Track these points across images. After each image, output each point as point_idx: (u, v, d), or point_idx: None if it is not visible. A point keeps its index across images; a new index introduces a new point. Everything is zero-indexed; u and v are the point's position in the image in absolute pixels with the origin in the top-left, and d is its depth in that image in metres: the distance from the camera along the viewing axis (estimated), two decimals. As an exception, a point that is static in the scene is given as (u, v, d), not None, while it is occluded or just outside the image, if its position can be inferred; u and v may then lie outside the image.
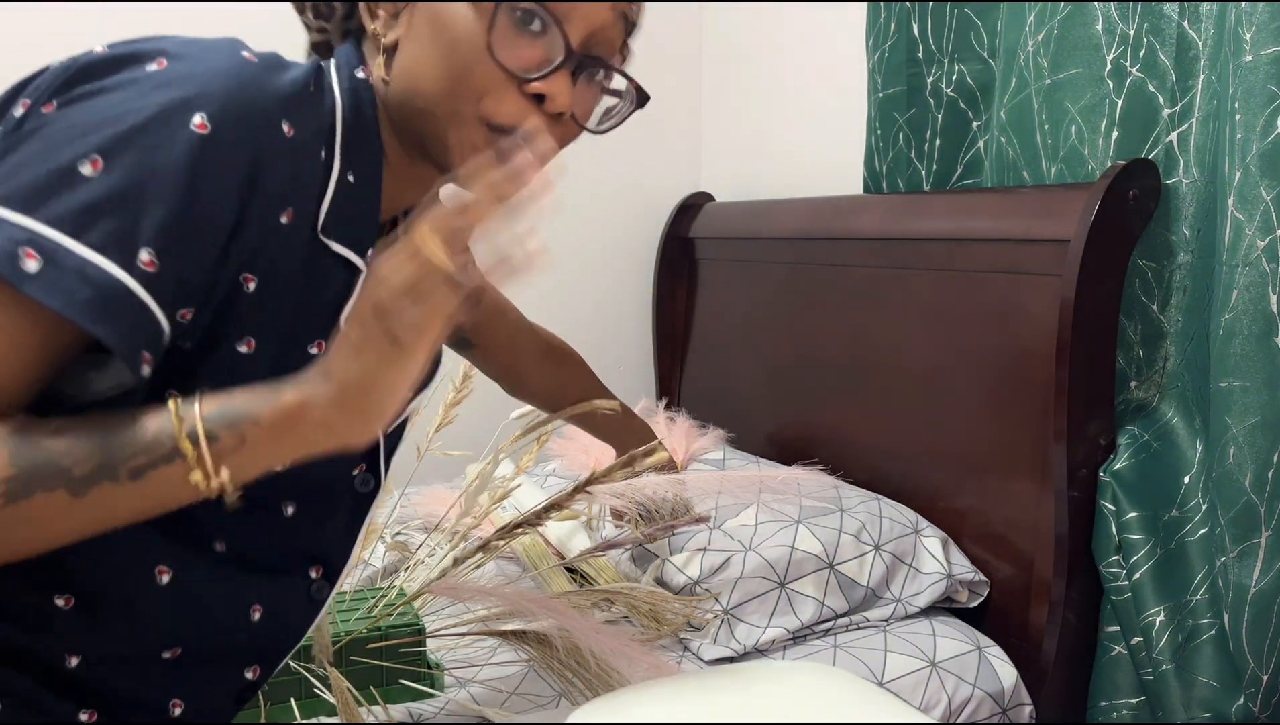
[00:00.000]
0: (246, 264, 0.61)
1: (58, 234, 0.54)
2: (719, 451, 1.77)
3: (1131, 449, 1.24)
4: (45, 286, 0.53)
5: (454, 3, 0.66)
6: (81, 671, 0.65)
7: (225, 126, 0.57)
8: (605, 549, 1.31)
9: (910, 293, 1.53)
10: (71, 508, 0.54)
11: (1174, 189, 1.22)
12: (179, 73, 0.58)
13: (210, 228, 0.58)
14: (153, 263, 0.56)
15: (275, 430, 0.56)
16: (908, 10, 1.54)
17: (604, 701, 0.83)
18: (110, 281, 0.55)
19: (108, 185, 0.54)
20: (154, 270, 0.56)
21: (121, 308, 0.55)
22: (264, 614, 0.73)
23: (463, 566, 1.17)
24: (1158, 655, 1.18)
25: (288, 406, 0.56)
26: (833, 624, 1.32)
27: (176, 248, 0.57)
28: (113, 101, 0.56)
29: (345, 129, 0.68)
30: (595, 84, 0.75)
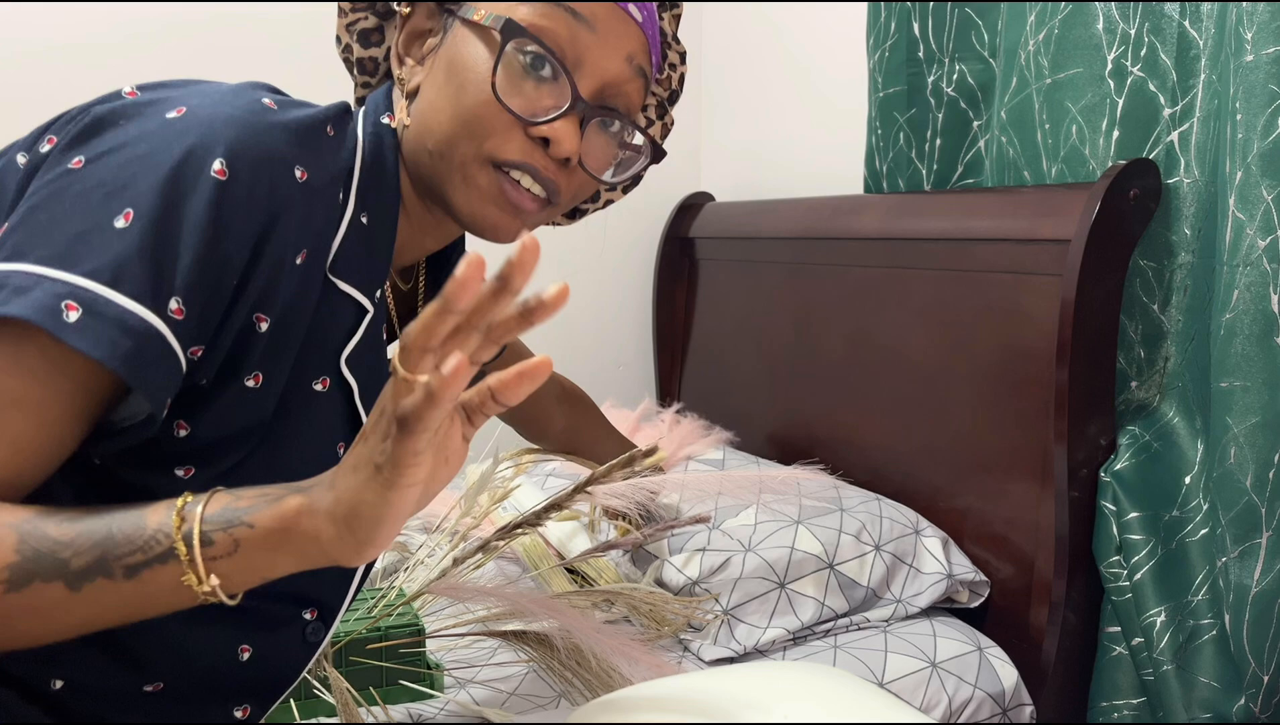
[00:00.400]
0: (258, 305, 0.62)
1: (96, 285, 0.55)
2: (719, 451, 1.77)
3: (1132, 449, 1.24)
4: (86, 336, 0.55)
5: (471, 48, 0.69)
6: (64, 695, 0.65)
7: (242, 172, 0.59)
8: (605, 549, 1.31)
9: (910, 293, 1.53)
10: (68, 602, 0.53)
11: (1175, 189, 1.22)
12: (198, 119, 0.59)
13: (227, 271, 0.60)
14: (181, 311, 0.58)
15: (268, 537, 0.54)
16: (908, 10, 1.54)
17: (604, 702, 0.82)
18: (147, 330, 0.56)
19: (139, 236, 0.56)
20: (182, 317, 0.58)
21: (156, 356, 0.57)
22: (254, 655, 0.72)
23: (463, 567, 1.16)
24: (1158, 655, 1.18)
25: (285, 513, 0.54)
26: (833, 624, 1.32)
27: (199, 293, 0.58)
28: (139, 153, 0.58)
29: (363, 172, 0.70)
30: (611, 136, 0.75)
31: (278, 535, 0.54)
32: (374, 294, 0.72)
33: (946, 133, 1.54)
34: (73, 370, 0.57)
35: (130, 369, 0.56)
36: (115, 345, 0.55)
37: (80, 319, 0.54)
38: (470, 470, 1.38)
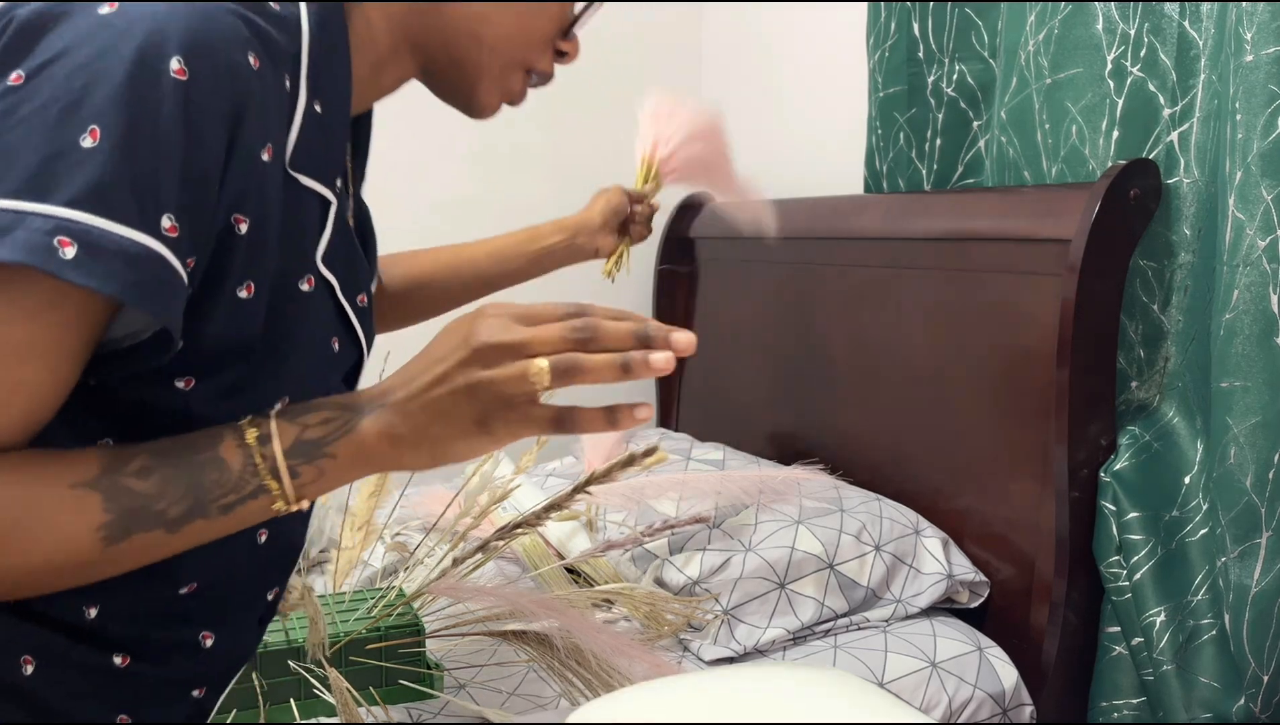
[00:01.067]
0: (236, 205, 0.59)
1: (84, 215, 0.52)
2: (719, 451, 1.77)
3: (1132, 449, 1.24)
4: (91, 272, 0.52)
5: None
6: (35, 681, 0.63)
7: (202, 69, 0.55)
8: (605, 549, 1.31)
9: (911, 293, 1.53)
10: (168, 540, 0.58)
11: (1175, 189, 1.22)
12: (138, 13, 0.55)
13: (208, 177, 0.57)
14: (175, 228, 0.55)
15: (351, 464, 0.60)
16: (908, 10, 1.54)
17: (604, 701, 0.82)
18: (149, 254, 0.54)
19: (112, 155, 0.53)
20: (176, 235, 0.55)
21: (163, 279, 0.55)
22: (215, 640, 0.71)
23: (462, 567, 1.16)
24: (1158, 655, 1.18)
25: (365, 442, 0.60)
26: (833, 624, 1.32)
27: (188, 205, 0.56)
28: (83, 60, 0.53)
29: (311, 57, 0.65)
30: None
31: (359, 462, 0.60)
32: (335, 184, 0.69)
33: (946, 133, 1.54)
34: (75, 306, 0.54)
35: (143, 298, 0.54)
36: (121, 277, 0.53)
37: (78, 254, 0.51)
38: (470, 470, 1.38)
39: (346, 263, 0.71)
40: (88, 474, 0.56)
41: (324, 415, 0.60)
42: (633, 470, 1.06)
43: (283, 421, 0.60)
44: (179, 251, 0.55)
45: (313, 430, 0.59)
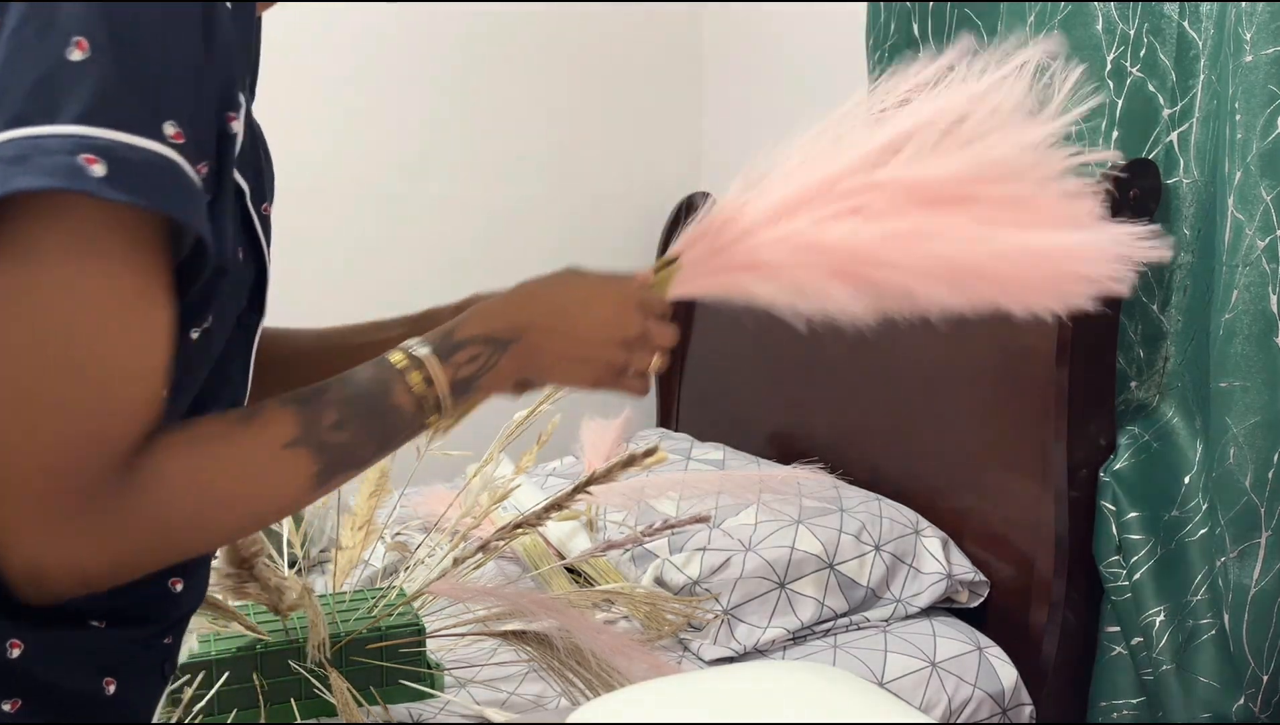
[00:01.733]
0: (224, 102, 0.55)
1: (100, 130, 0.48)
2: (719, 451, 1.77)
3: (1132, 449, 1.24)
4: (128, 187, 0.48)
5: None
6: None
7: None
8: (605, 549, 1.31)
9: (910, 293, 1.53)
10: (359, 472, 0.64)
11: (1174, 189, 1.22)
12: None
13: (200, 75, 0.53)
14: (180, 134, 0.51)
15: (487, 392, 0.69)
16: (908, 10, 1.54)
17: (604, 701, 0.83)
18: (167, 163, 0.50)
19: (103, 64, 0.49)
20: (183, 141, 0.51)
21: (188, 187, 0.51)
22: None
23: (463, 566, 1.16)
24: (1158, 655, 1.18)
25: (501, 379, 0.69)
26: (833, 624, 1.32)
27: (187, 107, 0.52)
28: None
29: None
30: None
31: (494, 391, 0.70)
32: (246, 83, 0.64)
33: (946, 133, 1.54)
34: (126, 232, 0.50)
35: (179, 209, 0.50)
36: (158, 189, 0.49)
37: (110, 171, 0.48)
38: (470, 470, 1.38)
39: (254, 167, 0.67)
40: (292, 433, 0.59)
41: (471, 352, 0.67)
42: (633, 470, 1.06)
43: (440, 363, 0.65)
44: (189, 158, 0.52)
45: (464, 368, 0.66)
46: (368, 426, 0.63)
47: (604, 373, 0.73)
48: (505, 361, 0.68)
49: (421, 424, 0.65)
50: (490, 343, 0.68)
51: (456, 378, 0.66)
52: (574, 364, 0.73)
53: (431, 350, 0.66)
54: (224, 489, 0.57)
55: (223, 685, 1.03)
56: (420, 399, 0.64)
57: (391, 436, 0.65)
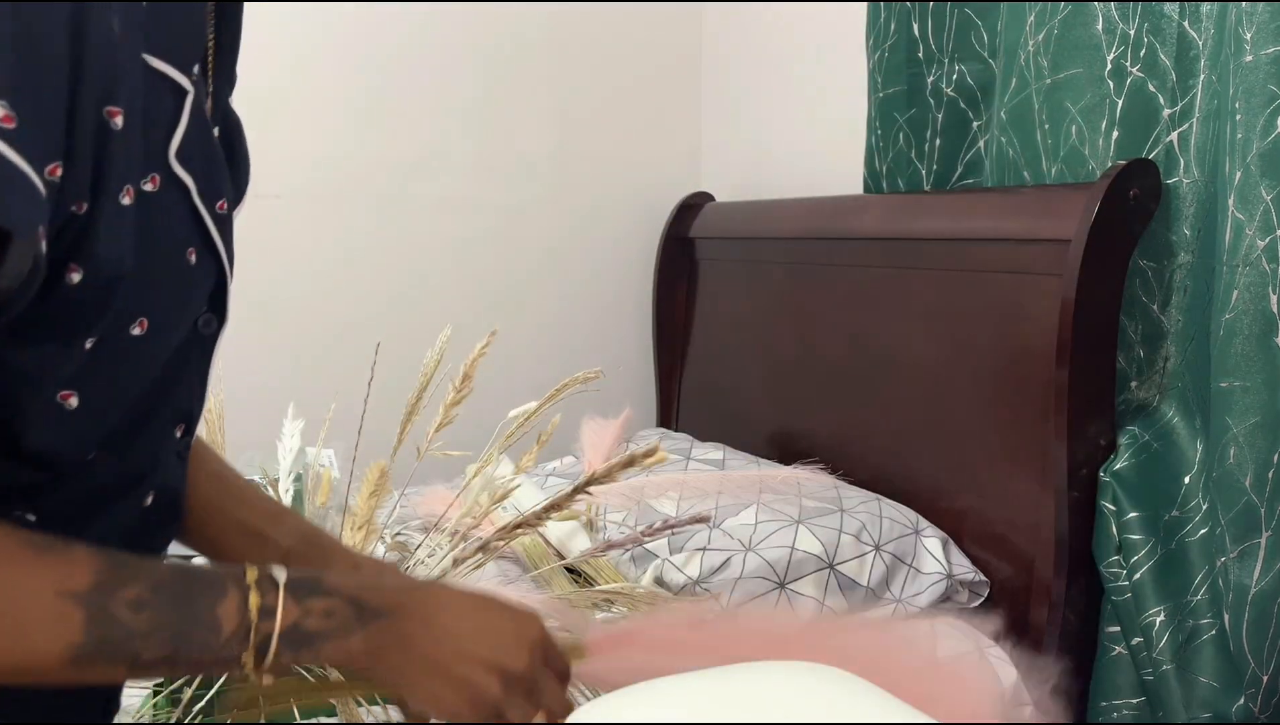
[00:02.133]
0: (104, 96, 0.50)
1: None
2: (719, 451, 1.77)
3: (1132, 449, 1.24)
4: None
5: None
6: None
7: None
8: (605, 549, 1.31)
9: (910, 293, 1.53)
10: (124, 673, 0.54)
11: (1174, 189, 1.22)
12: None
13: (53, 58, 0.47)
14: (10, 117, 0.45)
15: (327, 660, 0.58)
16: (908, 10, 1.54)
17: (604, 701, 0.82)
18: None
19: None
20: (14, 125, 0.45)
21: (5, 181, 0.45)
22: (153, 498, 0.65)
23: (463, 566, 1.16)
24: (1158, 655, 1.18)
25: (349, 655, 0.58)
26: (833, 624, 1.32)
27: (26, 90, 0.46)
28: None
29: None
30: None
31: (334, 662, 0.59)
32: (192, 71, 0.59)
33: (946, 133, 1.54)
34: None
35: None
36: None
37: None
38: (470, 470, 1.38)
39: (204, 161, 0.61)
40: (79, 584, 0.51)
41: (329, 605, 0.57)
42: (633, 470, 1.06)
43: (290, 600, 0.56)
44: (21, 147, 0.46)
45: (313, 620, 0.56)
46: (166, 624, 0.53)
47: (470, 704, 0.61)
48: (360, 638, 0.58)
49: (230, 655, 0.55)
50: (354, 606, 0.58)
51: (299, 625, 0.56)
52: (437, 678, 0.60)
53: (289, 582, 0.56)
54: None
55: (223, 685, 1.03)
56: (247, 626, 0.55)
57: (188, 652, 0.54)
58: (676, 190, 2.22)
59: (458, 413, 1.28)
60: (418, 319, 1.67)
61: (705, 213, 2.14)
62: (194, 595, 0.54)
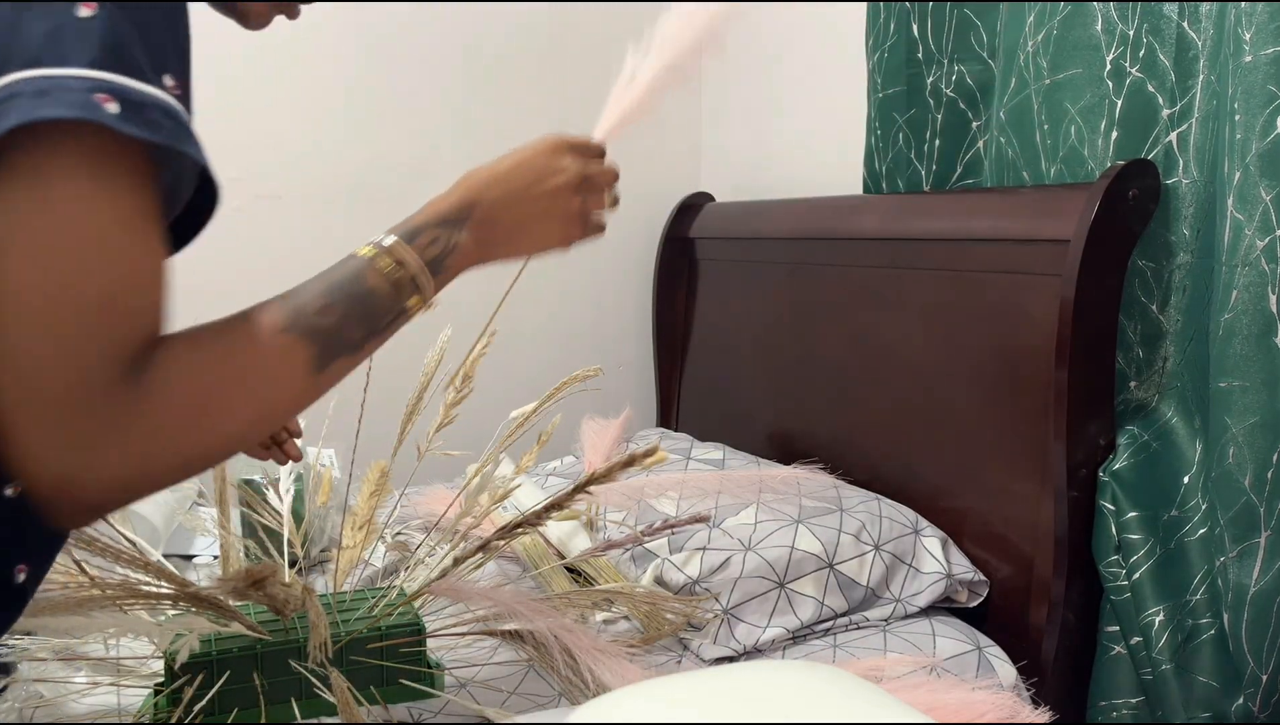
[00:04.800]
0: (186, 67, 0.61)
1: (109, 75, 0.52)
2: (719, 451, 1.77)
3: (1131, 449, 1.24)
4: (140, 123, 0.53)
5: None
6: None
7: None
8: (605, 549, 1.31)
9: (910, 293, 1.53)
10: (355, 359, 0.67)
11: (1174, 189, 1.22)
12: None
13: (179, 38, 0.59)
14: (177, 85, 0.57)
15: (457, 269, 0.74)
16: (908, 10, 1.54)
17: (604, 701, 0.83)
18: (171, 109, 0.55)
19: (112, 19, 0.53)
20: (180, 93, 0.57)
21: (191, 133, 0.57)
22: None
23: (463, 566, 1.17)
24: (1157, 655, 1.18)
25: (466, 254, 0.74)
26: (832, 624, 1.32)
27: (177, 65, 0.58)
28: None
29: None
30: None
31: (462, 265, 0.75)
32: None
33: (946, 133, 1.55)
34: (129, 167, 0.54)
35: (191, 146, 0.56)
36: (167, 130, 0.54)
37: (122, 110, 0.52)
38: (470, 470, 1.38)
39: None
40: (281, 321, 0.62)
41: (430, 235, 0.72)
42: (633, 470, 1.06)
43: (406, 247, 0.70)
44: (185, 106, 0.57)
45: (429, 250, 0.72)
46: (352, 309, 0.66)
47: (566, 224, 0.79)
48: (465, 238, 0.74)
49: (402, 306, 0.69)
50: (444, 224, 0.73)
51: (423, 256, 0.71)
52: (534, 222, 0.77)
53: (395, 237, 0.71)
54: (225, 384, 0.59)
55: (223, 685, 1.03)
56: (395, 282, 0.69)
57: (376, 319, 0.68)
58: (676, 190, 2.22)
59: (458, 413, 1.28)
60: (418, 319, 1.66)
61: (705, 213, 2.14)
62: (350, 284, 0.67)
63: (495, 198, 0.76)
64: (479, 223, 0.75)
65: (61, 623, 0.91)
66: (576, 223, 0.79)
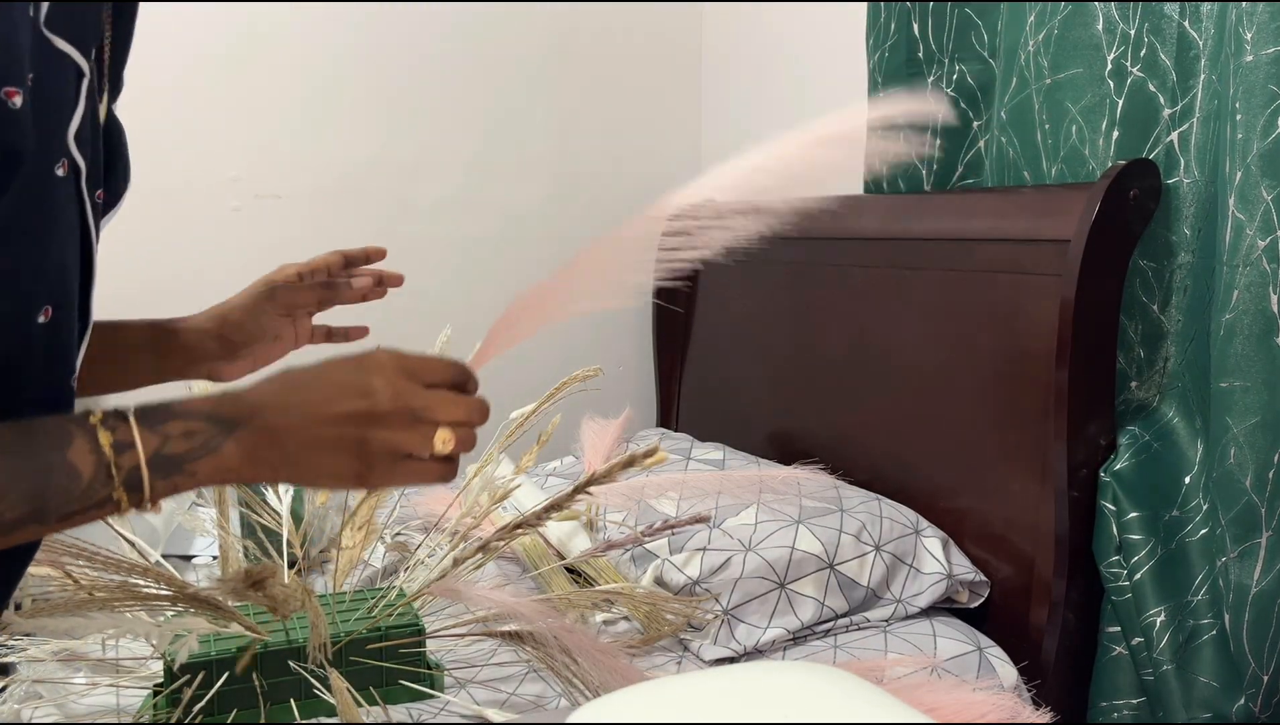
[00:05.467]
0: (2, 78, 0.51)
1: None
2: (719, 451, 1.77)
3: (1132, 449, 1.24)
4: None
5: None
6: None
7: None
8: (605, 549, 1.31)
9: (910, 293, 1.53)
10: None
11: (1174, 189, 1.22)
12: None
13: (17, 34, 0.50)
14: None
15: (207, 479, 0.57)
16: (908, 10, 1.54)
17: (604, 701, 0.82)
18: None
19: None
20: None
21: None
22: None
23: (463, 567, 1.16)
24: (1158, 655, 1.18)
25: (225, 465, 0.57)
26: (833, 624, 1.32)
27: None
28: None
29: None
30: None
31: (216, 478, 0.57)
32: (90, 51, 0.59)
33: (946, 133, 1.54)
34: None
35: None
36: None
37: None
38: (470, 470, 1.38)
39: (92, 148, 0.61)
40: None
41: (188, 427, 0.56)
42: (633, 470, 1.06)
43: (144, 429, 0.55)
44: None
45: (175, 443, 0.55)
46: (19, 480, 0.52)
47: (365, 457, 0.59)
48: (229, 447, 0.57)
49: (105, 497, 0.54)
50: (213, 420, 0.57)
51: (162, 451, 0.55)
52: (320, 451, 0.58)
53: (137, 413, 0.56)
54: None
55: (223, 685, 1.03)
56: (104, 463, 0.53)
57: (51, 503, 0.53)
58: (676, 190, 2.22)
59: (458, 413, 1.27)
60: (418, 319, 1.66)
61: (705, 213, 2.13)
62: (39, 449, 0.53)
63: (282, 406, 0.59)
64: (256, 433, 0.57)
65: (61, 623, 0.91)
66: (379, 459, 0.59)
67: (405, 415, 0.59)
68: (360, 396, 0.59)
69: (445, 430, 0.60)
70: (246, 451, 0.57)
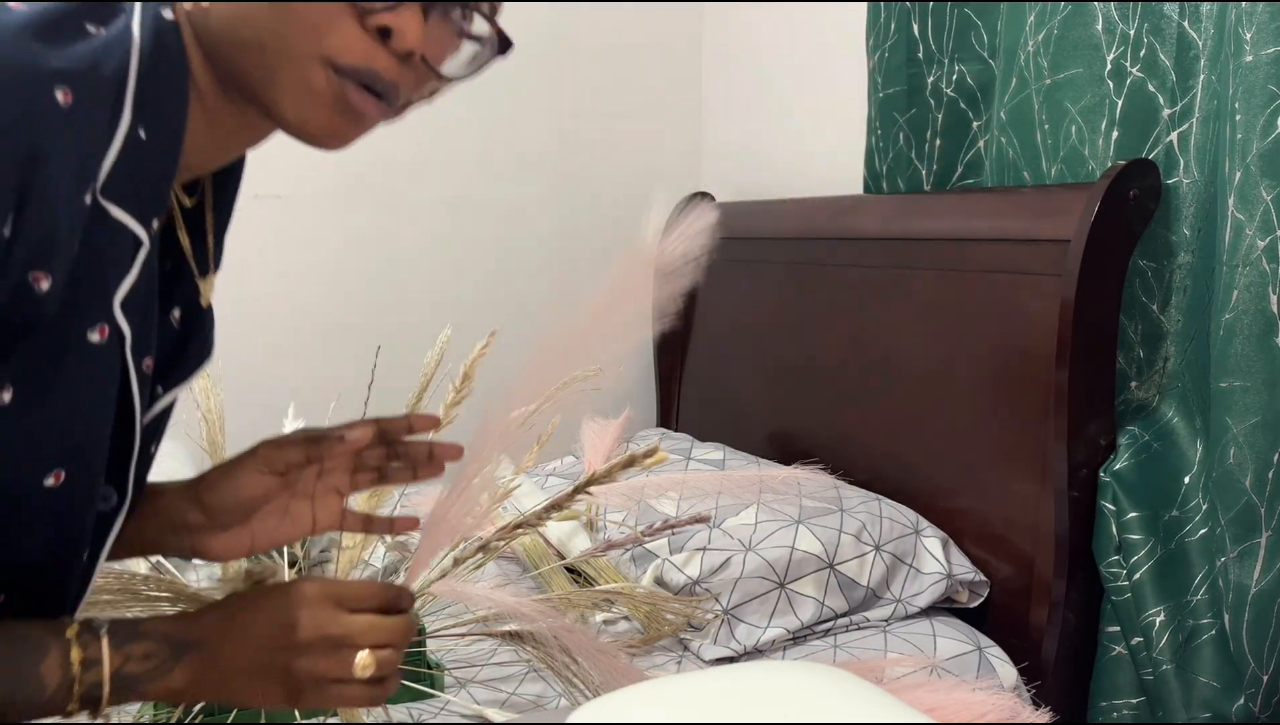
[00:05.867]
0: (33, 262, 0.52)
1: None
2: (719, 451, 1.77)
3: (1132, 449, 1.24)
4: None
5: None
6: None
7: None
8: (605, 549, 1.31)
9: (910, 293, 1.53)
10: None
11: (1174, 189, 1.22)
12: None
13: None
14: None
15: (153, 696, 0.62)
16: (908, 10, 1.54)
17: (604, 701, 0.83)
18: None
19: None
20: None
21: None
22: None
23: (463, 567, 1.16)
24: (1158, 655, 1.18)
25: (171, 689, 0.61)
26: (833, 624, 1.32)
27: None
28: None
29: (141, 78, 0.57)
30: (451, 25, 0.67)
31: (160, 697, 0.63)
32: (151, 223, 0.60)
33: (946, 133, 1.54)
34: None
35: None
36: None
37: None
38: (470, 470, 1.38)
39: (145, 317, 0.62)
40: None
41: (147, 648, 0.60)
42: (633, 470, 1.06)
43: (112, 649, 0.59)
44: None
45: (134, 664, 0.60)
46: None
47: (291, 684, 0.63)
48: (176, 672, 0.61)
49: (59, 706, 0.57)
50: (171, 644, 0.61)
51: (121, 671, 0.59)
52: (251, 677, 0.63)
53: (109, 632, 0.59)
54: None
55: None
56: (70, 678, 0.57)
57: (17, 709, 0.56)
58: (676, 190, 2.22)
59: (458, 413, 1.28)
60: (418, 319, 1.66)
61: (705, 213, 2.14)
62: (20, 661, 0.57)
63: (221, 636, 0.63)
64: (200, 658, 0.62)
65: (61, 623, 0.91)
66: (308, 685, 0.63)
67: (325, 644, 0.63)
68: (285, 628, 0.62)
69: (366, 655, 0.63)
70: (191, 676, 0.62)
